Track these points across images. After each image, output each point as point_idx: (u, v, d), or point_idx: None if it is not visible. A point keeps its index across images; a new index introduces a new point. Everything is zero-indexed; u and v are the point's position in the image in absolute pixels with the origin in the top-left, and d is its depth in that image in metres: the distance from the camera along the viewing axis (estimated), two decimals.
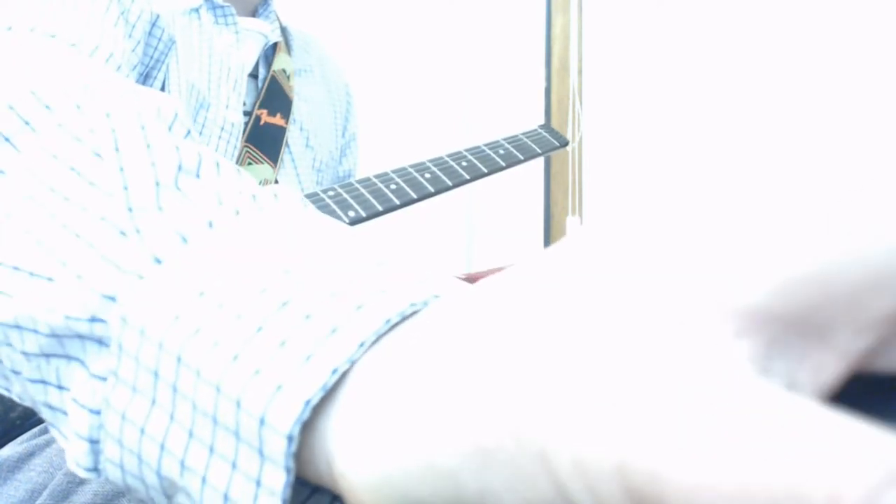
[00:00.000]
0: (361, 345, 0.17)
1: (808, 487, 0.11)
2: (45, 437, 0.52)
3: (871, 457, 0.11)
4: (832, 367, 0.13)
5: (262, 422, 0.17)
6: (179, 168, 0.23)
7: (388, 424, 0.16)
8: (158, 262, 0.21)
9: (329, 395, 0.17)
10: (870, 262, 0.12)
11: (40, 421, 0.56)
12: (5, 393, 0.25)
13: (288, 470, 0.17)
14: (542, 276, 0.15)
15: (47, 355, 0.22)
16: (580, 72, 1.89)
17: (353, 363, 0.17)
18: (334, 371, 0.17)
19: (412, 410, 0.15)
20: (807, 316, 0.12)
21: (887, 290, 0.12)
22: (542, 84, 1.92)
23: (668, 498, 0.12)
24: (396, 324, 0.17)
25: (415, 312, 0.18)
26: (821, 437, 0.11)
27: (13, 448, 0.52)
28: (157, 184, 0.23)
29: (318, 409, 0.17)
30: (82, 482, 0.45)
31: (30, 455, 0.50)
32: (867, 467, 0.11)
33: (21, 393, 0.24)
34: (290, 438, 0.17)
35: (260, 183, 0.38)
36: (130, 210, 0.22)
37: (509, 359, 0.14)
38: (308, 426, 0.17)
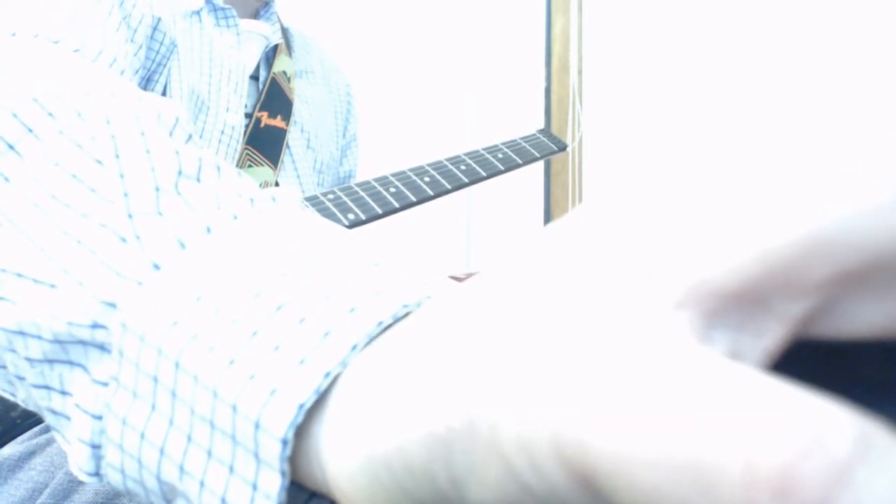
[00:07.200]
0: (354, 347, 0.17)
1: (725, 457, 0.10)
2: (46, 436, 0.52)
3: (795, 423, 0.10)
4: (773, 332, 0.13)
5: (257, 426, 0.17)
6: (179, 173, 0.23)
7: (369, 425, 0.16)
8: (157, 268, 0.21)
9: (323, 398, 0.17)
10: (803, 232, 0.12)
11: (40, 420, 0.56)
12: (10, 397, 0.26)
13: (283, 473, 0.17)
14: (511, 277, 0.15)
15: (51, 361, 0.22)
16: (580, 72, 1.89)
17: (345, 366, 0.17)
18: (327, 374, 0.17)
19: (389, 409, 0.16)
20: (746, 286, 0.13)
21: (821, 257, 0.12)
22: (542, 84, 1.93)
23: (598, 467, 0.12)
24: (389, 326, 0.18)
25: (407, 314, 0.18)
26: (743, 403, 0.11)
27: (14, 447, 0.52)
28: (157, 189, 0.23)
29: (312, 413, 0.17)
30: (83, 481, 0.46)
31: (31, 454, 0.51)
32: (788, 434, 0.10)
33: (25, 398, 0.25)
34: (284, 442, 0.17)
35: (260, 185, 0.38)
36: (130, 216, 0.22)
37: (465, 351, 0.15)
38: (302, 430, 0.17)
